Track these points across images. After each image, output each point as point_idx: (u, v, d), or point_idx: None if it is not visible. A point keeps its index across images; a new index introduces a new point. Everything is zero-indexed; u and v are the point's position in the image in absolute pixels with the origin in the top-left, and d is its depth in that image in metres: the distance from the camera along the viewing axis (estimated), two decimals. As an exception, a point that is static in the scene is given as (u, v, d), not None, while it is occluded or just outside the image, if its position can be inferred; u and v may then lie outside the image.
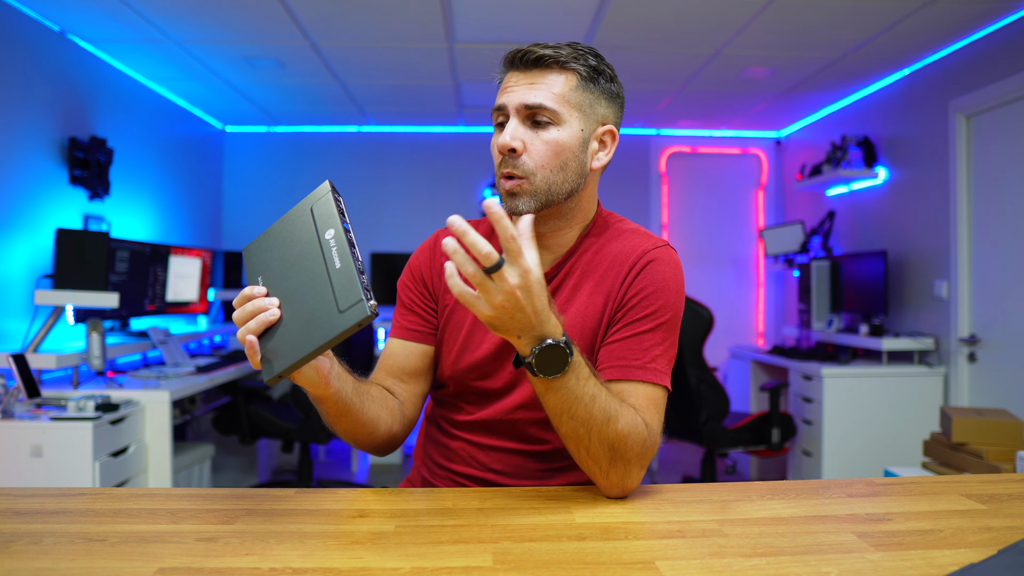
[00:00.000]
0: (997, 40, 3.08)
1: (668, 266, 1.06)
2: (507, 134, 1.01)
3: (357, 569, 0.71)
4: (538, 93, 1.02)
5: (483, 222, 1.18)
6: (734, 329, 5.23)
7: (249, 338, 0.82)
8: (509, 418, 1.09)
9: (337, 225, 0.82)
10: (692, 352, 3.15)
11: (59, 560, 0.73)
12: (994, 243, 3.13)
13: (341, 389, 0.94)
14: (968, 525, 0.84)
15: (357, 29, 3.18)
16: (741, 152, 5.30)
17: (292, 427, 3.31)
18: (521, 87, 1.03)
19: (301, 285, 0.83)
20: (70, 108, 3.19)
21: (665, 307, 1.03)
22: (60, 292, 2.68)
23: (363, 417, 1.00)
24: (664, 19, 3.06)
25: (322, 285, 0.81)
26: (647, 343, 1.01)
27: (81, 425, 2.24)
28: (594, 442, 0.90)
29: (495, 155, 1.05)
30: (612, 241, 1.10)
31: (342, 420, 0.98)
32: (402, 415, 1.10)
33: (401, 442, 1.12)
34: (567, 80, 1.03)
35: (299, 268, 0.84)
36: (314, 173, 5.10)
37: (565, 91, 1.03)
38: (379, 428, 1.03)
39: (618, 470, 0.93)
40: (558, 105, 1.02)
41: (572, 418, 0.89)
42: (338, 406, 0.95)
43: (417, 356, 1.14)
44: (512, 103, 1.02)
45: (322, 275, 0.81)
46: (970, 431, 2.48)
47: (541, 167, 1.02)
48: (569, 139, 1.03)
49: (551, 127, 1.02)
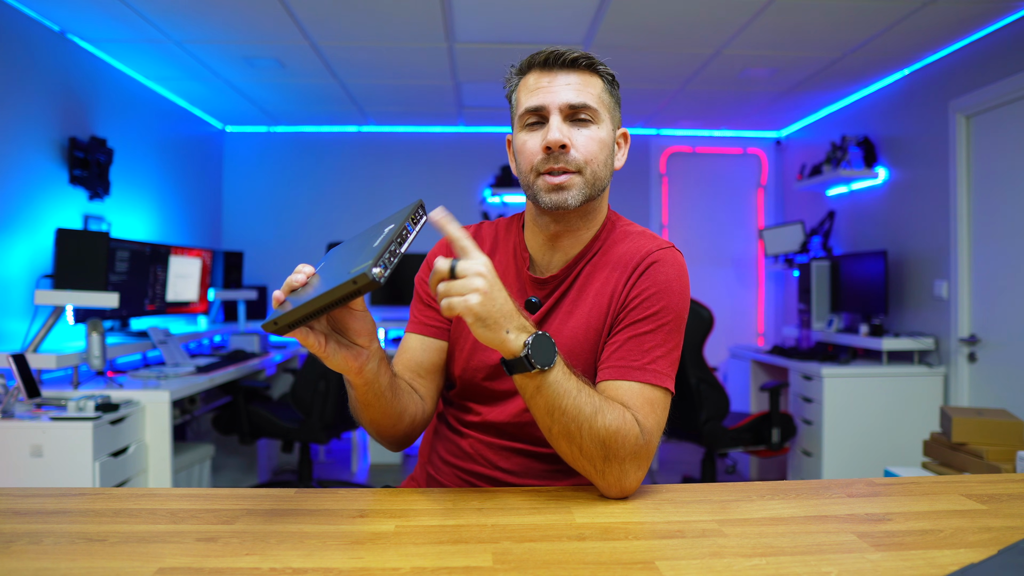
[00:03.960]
0: (997, 40, 3.08)
1: (672, 268, 1.06)
2: (555, 130, 1.02)
3: (357, 569, 0.71)
4: (581, 92, 1.04)
5: (501, 222, 1.21)
6: (734, 329, 5.23)
7: (276, 293, 0.85)
8: (517, 421, 1.09)
9: (399, 221, 0.84)
10: (692, 352, 3.15)
11: (59, 560, 0.73)
12: (994, 243, 3.13)
13: (374, 381, 0.94)
14: (968, 525, 0.84)
15: (357, 29, 3.18)
16: (741, 152, 5.30)
17: (292, 427, 3.31)
18: (560, 87, 1.04)
19: (348, 254, 0.86)
20: (70, 108, 3.19)
21: (668, 308, 1.03)
22: (60, 292, 2.68)
23: (392, 409, 1.01)
24: (664, 19, 3.06)
25: (351, 259, 0.83)
26: (647, 344, 1.01)
27: (81, 425, 2.24)
28: (585, 438, 0.91)
29: (531, 154, 1.05)
30: (618, 243, 1.11)
31: (369, 409, 0.99)
32: (423, 410, 1.11)
33: (416, 438, 1.13)
34: (598, 82, 1.07)
35: (348, 250, 0.88)
36: (314, 173, 5.10)
37: (599, 92, 1.07)
38: (403, 421, 1.05)
39: (613, 469, 0.93)
40: (598, 104, 1.05)
41: (563, 414, 0.90)
42: (367, 396, 0.96)
43: (435, 351, 1.15)
44: (556, 102, 1.04)
45: (358, 251, 0.83)
46: (970, 431, 2.48)
47: (589, 161, 1.04)
48: (607, 137, 1.07)
49: (592, 125, 1.05)
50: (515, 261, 1.14)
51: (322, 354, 0.86)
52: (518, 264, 1.14)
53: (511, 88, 1.11)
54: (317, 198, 5.10)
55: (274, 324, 0.82)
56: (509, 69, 1.11)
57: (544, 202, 1.04)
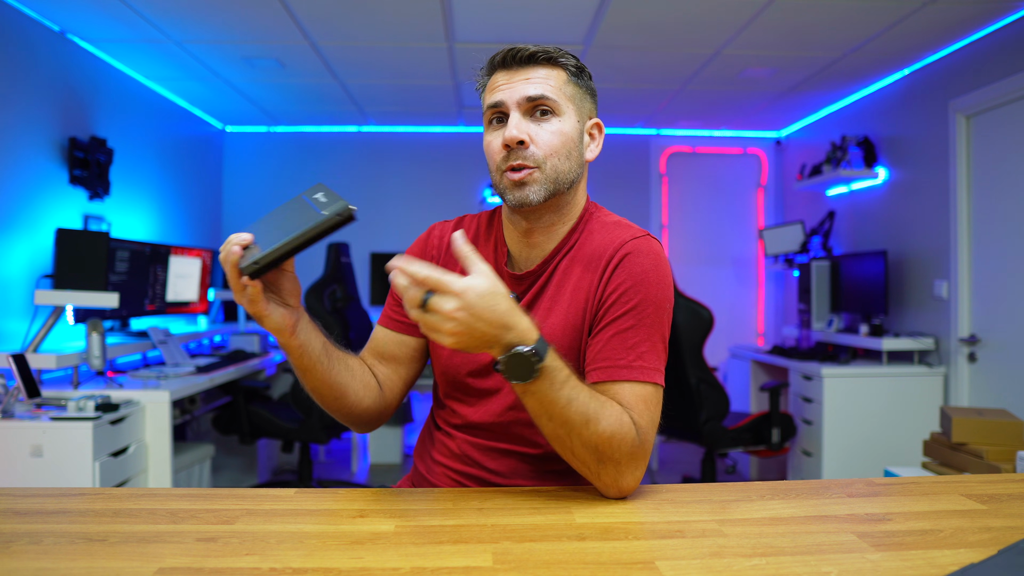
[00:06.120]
0: (997, 40, 3.08)
1: (647, 257, 1.04)
2: (512, 127, 1.02)
3: (357, 569, 0.71)
4: (537, 85, 1.04)
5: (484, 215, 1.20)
6: (734, 329, 5.23)
7: (234, 248, 0.87)
8: (502, 420, 1.08)
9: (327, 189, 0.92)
10: (692, 352, 3.15)
11: (59, 560, 0.73)
12: (994, 243, 3.13)
13: (307, 343, 0.98)
14: (968, 525, 0.84)
15: (357, 29, 3.18)
16: (741, 152, 5.30)
17: (292, 427, 3.31)
18: (517, 82, 1.04)
19: (285, 218, 0.91)
20: (70, 108, 3.19)
21: (646, 301, 1.01)
22: (60, 292, 2.68)
23: (329, 379, 1.03)
24: (664, 19, 3.06)
25: (305, 208, 0.90)
26: (631, 341, 0.99)
27: (81, 425, 2.24)
28: (576, 444, 0.91)
29: (494, 153, 1.05)
30: (594, 235, 1.10)
31: (308, 376, 1.01)
32: (378, 392, 1.12)
33: (377, 421, 1.14)
34: (559, 74, 1.06)
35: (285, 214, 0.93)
36: (314, 173, 5.10)
37: (560, 84, 1.06)
38: (347, 396, 1.06)
39: (608, 471, 0.92)
40: (557, 96, 1.04)
41: (550, 420, 0.90)
42: (303, 360, 0.99)
43: (398, 344, 1.16)
44: (512, 98, 1.04)
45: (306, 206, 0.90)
46: (970, 431, 2.48)
47: (550, 156, 1.03)
48: (570, 129, 1.06)
49: (553, 118, 1.04)
50: (494, 256, 1.14)
51: (263, 311, 0.91)
52: (496, 259, 1.14)
53: (481, 86, 1.11)
54: (317, 198, 5.09)
55: (255, 264, 0.86)
56: (479, 71, 1.11)
57: (509, 199, 1.05)
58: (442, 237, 1.18)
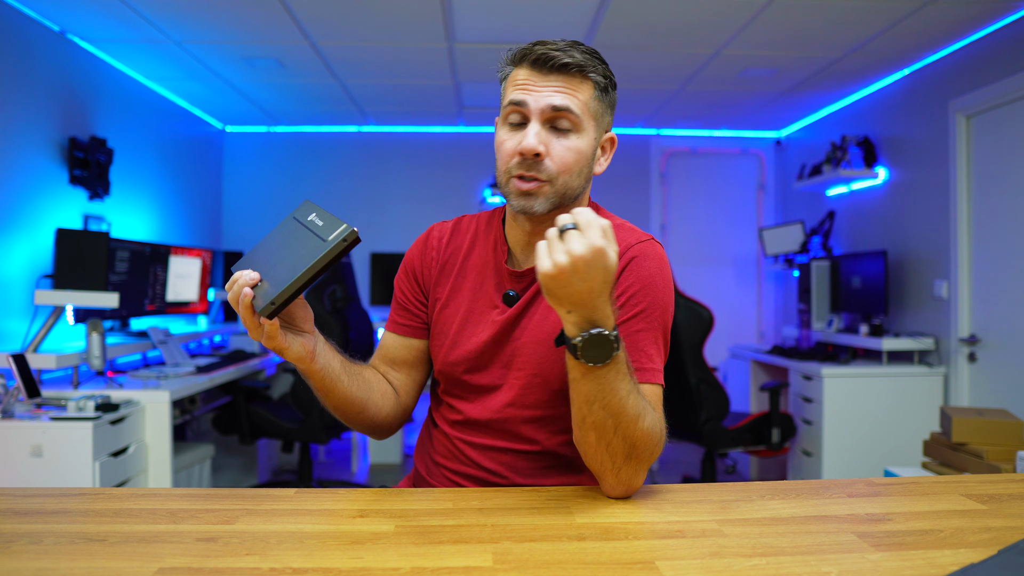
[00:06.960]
0: (997, 40, 3.08)
1: (652, 261, 1.06)
2: (532, 137, 1.00)
3: (357, 569, 0.71)
4: (566, 98, 1.01)
5: (483, 215, 1.20)
6: (734, 329, 5.23)
7: (245, 290, 0.88)
8: (499, 416, 1.09)
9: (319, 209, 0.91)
10: (692, 352, 3.15)
11: (59, 560, 0.73)
12: (994, 243, 3.13)
13: (327, 365, 1.00)
14: (968, 525, 0.84)
15: (357, 29, 3.18)
16: (741, 152, 5.30)
17: (292, 427, 3.31)
18: (546, 89, 1.01)
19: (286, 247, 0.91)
20: (70, 108, 3.19)
21: (654, 304, 1.03)
22: (60, 292, 2.68)
23: (350, 395, 1.05)
24: (664, 19, 3.06)
25: (306, 235, 0.89)
26: (642, 343, 1.02)
27: (81, 425, 2.24)
28: (617, 436, 0.90)
29: (506, 154, 1.03)
30: None
31: (330, 396, 1.04)
32: (395, 398, 1.16)
33: (396, 426, 1.17)
34: (588, 89, 1.03)
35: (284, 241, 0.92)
36: (314, 173, 5.10)
37: (587, 100, 1.03)
38: (368, 408, 1.09)
39: (630, 468, 0.93)
40: (581, 112, 1.02)
41: (604, 408, 0.89)
42: (324, 382, 1.01)
43: (407, 348, 1.19)
44: (538, 104, 1.01)
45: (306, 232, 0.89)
46: (970, 431, 2.48)
47: (563, 172, 1.02)
48: (587, 147, 1.04)
49: (571, 134, 1.02)
50: (494, 255, 1.14)
51: (282, 344, 0.92)
52: (497, 258, 1.14)
53: (503, 75, 1.08)
54: (317, 198, 5.09)
55: (272, 304, 0.86)
56: (506, 52, 1.08)
57: (512, 205, 1.04)
58: (441, 238, 1.19)
